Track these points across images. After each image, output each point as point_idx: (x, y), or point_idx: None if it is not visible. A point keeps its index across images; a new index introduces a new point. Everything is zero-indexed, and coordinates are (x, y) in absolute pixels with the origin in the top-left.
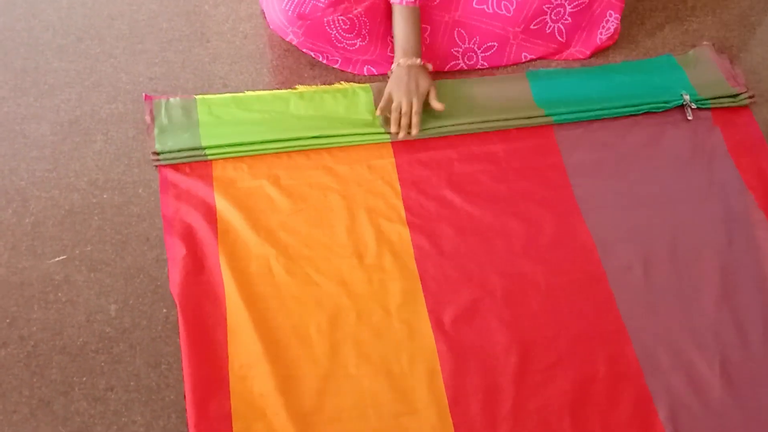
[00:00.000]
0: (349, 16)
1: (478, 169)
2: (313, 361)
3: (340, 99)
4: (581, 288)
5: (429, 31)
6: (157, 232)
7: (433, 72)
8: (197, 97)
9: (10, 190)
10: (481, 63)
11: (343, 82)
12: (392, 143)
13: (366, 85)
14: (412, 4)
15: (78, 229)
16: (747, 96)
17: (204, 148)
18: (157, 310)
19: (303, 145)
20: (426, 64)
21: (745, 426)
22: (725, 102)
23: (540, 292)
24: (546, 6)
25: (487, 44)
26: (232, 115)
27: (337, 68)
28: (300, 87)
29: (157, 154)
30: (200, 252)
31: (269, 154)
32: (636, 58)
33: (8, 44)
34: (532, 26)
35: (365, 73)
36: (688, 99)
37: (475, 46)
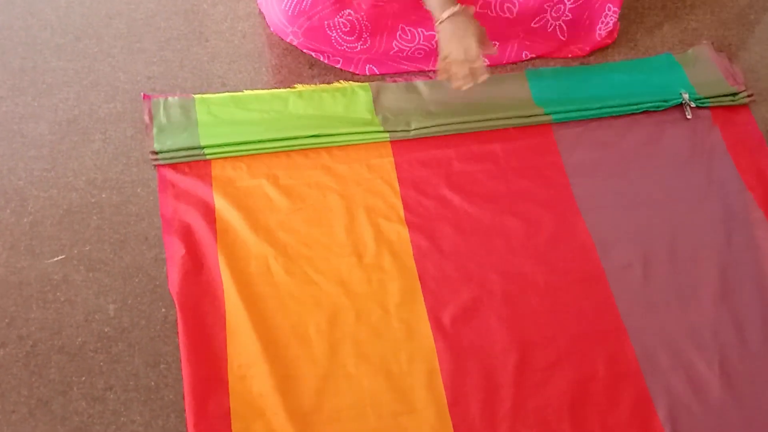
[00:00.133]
0: (350, 19)
1: (477, 169)
2: (312, 361)
3: (339, 98)
4: (580, 287)
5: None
6: (156, 232)
7: (433, 69)
8: (196, 97)
9: (9, 190)
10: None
11: (342, 81)
12: (391, 142)
13: (365, 84)
14: None
15: (76, 229)
16: (746, 95)
17: (203, 148)
18: (155, 310)
19: (302, 145)
20: (467, 7)
21: (744, 425)
22: (724, 101)
23: (539, 291)
24: (546, 4)
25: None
26: (231, 114)
27: (338, 68)
28: (299, 86)
29: (156, 153)
30: (199, 251)
31: (268, 153)
32: (635, 57)
33: (6, 43)
34: (533, 24)
35: (367, 72)
36: (687, 98)
37: None
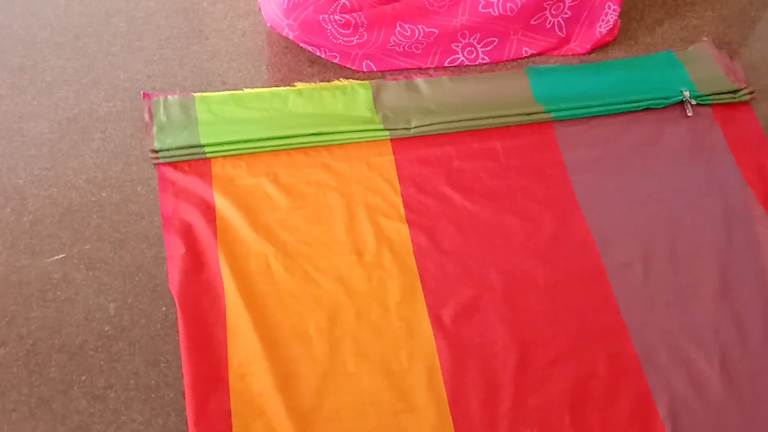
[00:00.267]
0: (345, 15)
1: (478, 166)
2: (312, 359)
3: (339, 96)
4: (581, 285)
5: (436, 34)
6: (156, 230)
7: (433, 67)
8: (196, 95)
9: (9, 189)
10: (482, 58)
11: (342, 79)
12: (391, 140)
13: (365, 82)
14: None
15: (76, 228)
16: (747, 92)
17: (203, 146)
18: (156, 309)
19: (302, 143)
20: None
21: (744, 422)
22: (725, 98)
23: (539, 289)
24: (546, 3)
25: (487, 39)
26: (231, 112)
27: (336, 63)
28: (299, 84)
29: (156, 152)
30: (199, 250)
31: (268, 151)
32: (635, 55)
33: (6, 42)
34: (532, 21)
35: (364, 69)
36: (687, 95)
37: (475, 41)
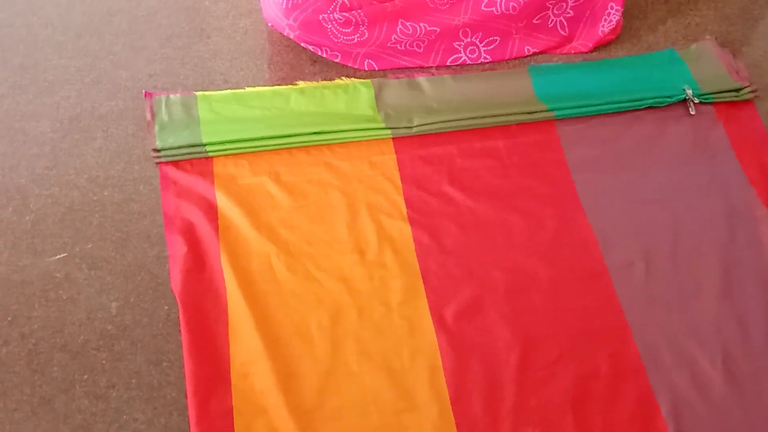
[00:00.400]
0: (345, 14)
1: (480, 165)
2: (314, 358)
3: (341, 95)
4: (583, 284)
5: (438, 32)
6: (158, 230)
7: (435, 66)
8: (197, 94)
9: (10, 188)
10: (484, 56)
11: (344, 78)
12: (393, 139)
13: (367, 81)
14: None
15: (78, 227)
16: (750, 90)
17: (204, 145)
18: (158, 308)
19: (303, 142)
20: None
21: (747, 422)
22: (728, 96)
23: (542, 288)
24: (549, 2)
25: (490, 38)
26: (233, 111)
27: (338, 62)
28: (300, 83)
29: (158, 151)
30: (201, 249)
31: (270, 150)
32: (638, 53)
33: (7, 41)
34: (534, 21)
35: (366, 68)
36: (690, 94)
37: (477, 40)
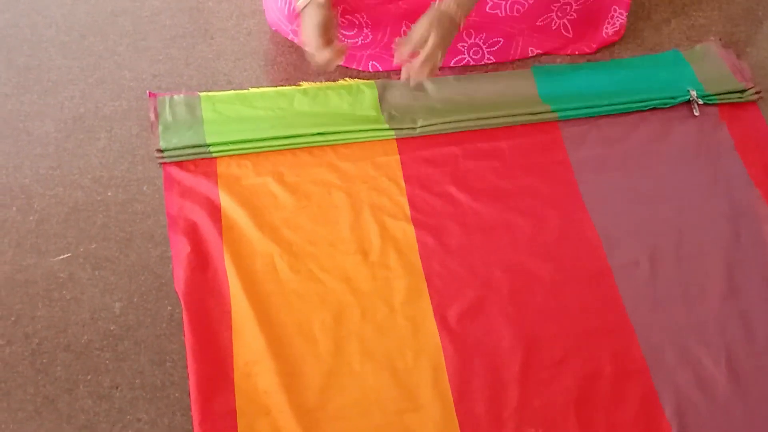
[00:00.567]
0: (348, 17)
1: (483, 166)
2: (317, 358)
3: (345, 96)
4: (587, 284)
5: None
6: (162, 230)
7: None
8: (201, 94)
9: (14, 188)
10: (488, 57)
11: (347, 79)
12: (397, 140)
13: (371, 82)
14: None
15: (82, 227)
16: (754, 91)
17: (208, 145)
18: (161, 308)
19: (307, 142)
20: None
21: (751, 422)
22: (732, 98)
23: (545, 288)
24: (554, 5)
25: (493, 39)
26: (237, 112)
27: (341, 64)
28: (304, 84)
29: (162, 151)
30: (205, 249)
31: (273, 151)
32: (642, 54)
33: (11, 41)
34: (538, 23)
35: (370, 69)
36: (694, 95)
37: (481, 41)
